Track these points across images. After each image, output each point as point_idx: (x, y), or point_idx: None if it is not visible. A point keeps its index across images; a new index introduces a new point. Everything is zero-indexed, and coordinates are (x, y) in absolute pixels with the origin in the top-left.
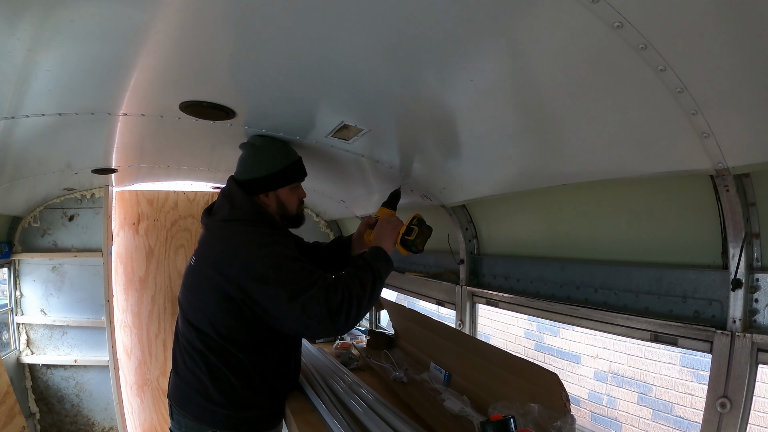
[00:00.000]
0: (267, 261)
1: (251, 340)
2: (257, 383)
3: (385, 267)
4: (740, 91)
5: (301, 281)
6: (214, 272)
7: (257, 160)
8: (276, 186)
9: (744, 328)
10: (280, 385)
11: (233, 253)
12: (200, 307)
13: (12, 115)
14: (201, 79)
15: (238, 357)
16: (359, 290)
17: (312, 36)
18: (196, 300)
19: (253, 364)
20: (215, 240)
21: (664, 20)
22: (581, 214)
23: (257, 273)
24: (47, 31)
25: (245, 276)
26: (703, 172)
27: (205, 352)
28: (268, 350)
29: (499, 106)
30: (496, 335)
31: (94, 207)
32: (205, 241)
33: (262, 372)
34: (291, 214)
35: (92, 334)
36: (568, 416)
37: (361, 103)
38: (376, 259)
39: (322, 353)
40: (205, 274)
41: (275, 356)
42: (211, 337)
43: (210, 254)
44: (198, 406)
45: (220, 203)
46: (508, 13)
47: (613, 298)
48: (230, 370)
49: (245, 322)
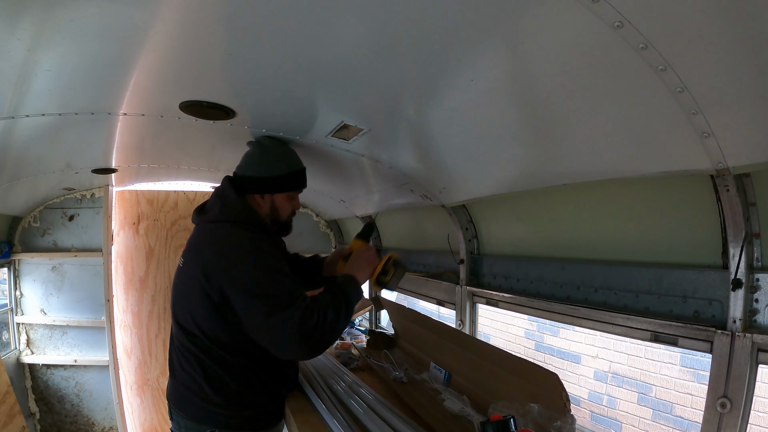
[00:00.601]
0: (251, 270)
1: (237, 342)
2: (253, 383)
3: (356, 297)
4: (740, 91)
5: (281, 297)
6: (200, 274)
7: (262, 159)
8: (273, 190)
9: (744, 328)
10: (277, 384)
11: (219, 256)
12: (188, 309)
13: (12, 115)
14: (201, 79)
15: (227, 359)
16: (333, 317)
17: (312, 36)
18: (185, 302)
19: (244, 365)
20: (204, 242)
21: (664, 20)
22: (581, 214)
23: (239, 281)
24: (47, 31)
25: (227, 282)
26: (703, 171)
27: (198, 354)
28: (257, 353)
29: (499, 105)
30: (496, 335)
31: (94, 207)
32: (194, 242)
33: (256, 372)
34: (281, 220)
35: (92, 334)
36: (568, 416)
37: (361, 103)
38: (349, 287)
39: (322, 353)
40: (192, 276)
41: (267, 358)
42: (200, 339)
43: (198, 256)
44: (196, 407)
45: (212, 202)
46: (508, 12)
47: (613, 298)
48: (224, 370)
49: (228, 325)
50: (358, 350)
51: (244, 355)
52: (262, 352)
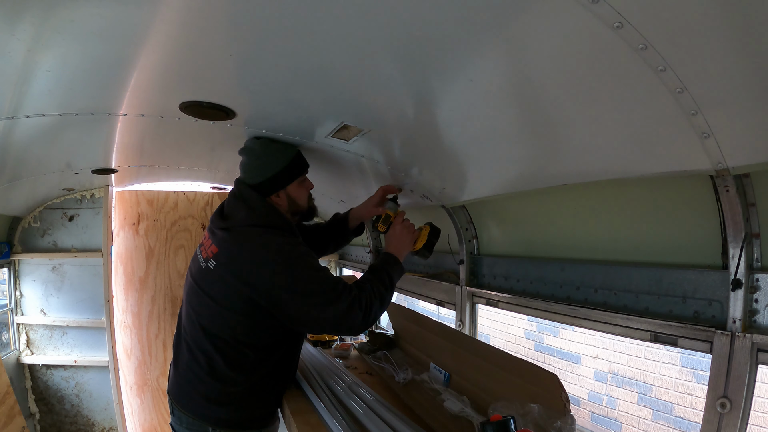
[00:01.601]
0: (297, 272)
1: (265, 342)
2: (258, 383)
3: (398, 275)
4: (740, 92)
5: (328, 292)
6: (238, 281)
7: (261, 162)
8: (285, 183)
9: (744, 328)
10: (279, 384)
11: (261, 263)
12: (219, 312)
13: (12, 116)
14: (201, 80)
15: (248, 357)
16: (378, 304)
17: (312, 36)
18: (214, 304)
19: (259, 362)
20: (238, 247)
21: (664, 20)
22: (581, 214)
23: (288, 284)
24: (47, 32)
25: (277, 287)
26: (703, 172)
27: (211, 354)
28: (276, 350)
29: (499, 106)
30: (496, 335)
31: (94, 207)
32: (225, 246)
33: (264, 372)
34: (302, 208)
35: (92, 335)
36: (568, 416)
37: (361, 104)
38: (392, 268)
39: (322, 353)
40: (226, 281)
41: (280, 354)
42: (224, 341)
43: (233, 263)
44: (198, 405)
45: (234, 206)
46: (507, 13)
47: (613, 299)
48: (233, 370)
49: (266, 326)
50: (358, 350)
51: (263, 351)
52: (279, 349)
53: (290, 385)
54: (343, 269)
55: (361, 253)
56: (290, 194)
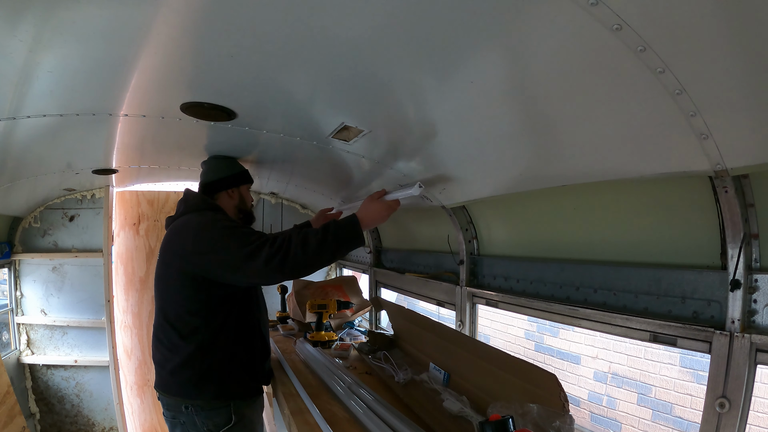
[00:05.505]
0: (217, 231)
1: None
2: (212, 351)
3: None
4: (739, 93)
5: (246, 237)
6: (174, 258)
7: (221, 165)
8: (239, 183)
9: (743, 328)
10: (241, 353)
11: (186, 234)
12: (169, 293)
13: (13, 116)
14: (202, 80)
15: (198, 326)
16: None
17: (312, 37)
18: (165, 286)
19: (209, 328)
20: (171, 234)
21: (663, 22)
22: (580, 215)
23: (210, 241)
24: (49, 32)
25: (199, 247)
26: (701, 173)
27: (169, 332)
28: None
29: (499, 107)
30: (496, 336)
31: (94, 207)
32: (165, 237)
33: (218, 339)
34: (248, 208)
35: (92, 335)
36: (566, 416)
37: (361, 105)
38: (343, 229)
39: (322, 353)
40: (167, 263)
41: (231, 321)
42: (176, 315)
43: (169, 244)
44: (168, 384)
45: (177, 206)
46: (507, 15)
47: (613, 299)
48: (186, 340)
49: (206, 291)
50: (358, 350)
51: (211, 320)
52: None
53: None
54: (343, 269)
55: (361, 253)
56: (242, 193)
